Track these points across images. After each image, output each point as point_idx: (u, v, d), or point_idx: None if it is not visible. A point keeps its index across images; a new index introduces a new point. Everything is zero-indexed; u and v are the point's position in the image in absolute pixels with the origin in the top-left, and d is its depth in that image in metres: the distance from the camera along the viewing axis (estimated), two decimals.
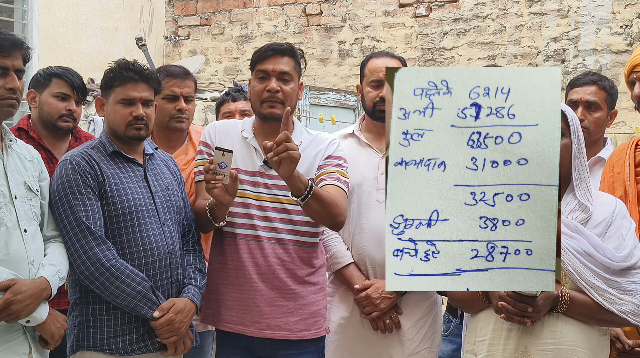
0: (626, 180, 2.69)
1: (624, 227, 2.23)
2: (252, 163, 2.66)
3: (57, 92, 3.11)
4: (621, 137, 5.91)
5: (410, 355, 2.86)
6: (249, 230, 2.61)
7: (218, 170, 2.40)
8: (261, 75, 2.64)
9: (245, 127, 2.74)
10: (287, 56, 2.66)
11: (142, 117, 2.50)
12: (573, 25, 6.60)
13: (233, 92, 3.47)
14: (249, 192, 2.62)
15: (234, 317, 2.63)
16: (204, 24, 8.22)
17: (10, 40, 2.25)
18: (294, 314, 2.61)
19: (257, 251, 2.59)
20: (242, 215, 2.61)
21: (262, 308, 2.59)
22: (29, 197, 2.31)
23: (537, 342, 2.16)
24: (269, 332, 2.59)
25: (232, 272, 2.63)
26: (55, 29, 6.88)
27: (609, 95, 3.00)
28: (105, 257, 2.37)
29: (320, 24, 7.66)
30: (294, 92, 2.68)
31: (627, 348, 2.53)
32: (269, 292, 2.59)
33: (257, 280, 2.59)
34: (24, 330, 2.24)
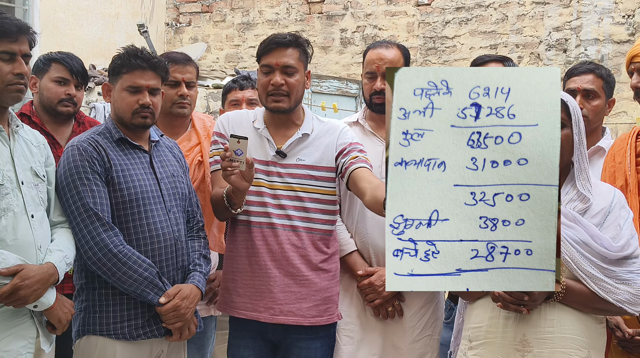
0: (627, 170, 2.69)
1: (622, 217, 2.24)
2: (265, 153, 2.68)
3: (56, 77, 3.11)
4: (622, 127, 5.92)
5: (412, 342, 2.88)
6: (263, 218, 2.64)
7: (234, 157, 2.42)
8: (266, 69, 2.66)
9: (256, 117, 2.76)
10: (291, 47, 2.66)
11: (148, 106, 2.51)
12: (575, 15, 6.59)
13: (241, 80, 3.44)
14: (263, 180, 2.65)
15: (248, 304, 2.66)
16: (206, 11, 8.20)
17: (16, 26, 2.25)
18: (307, 300, 2.64)
19: (271, 238, 2.62)
20: (256, 203, 2.64)
21: (275, 294, 2.62)
22: (35, 183, 2.31)
23: (536, 330, 2.18)
24: (282, 317, 2.63)
25: (246, 259, 2.66)
26: (56, 15, 6.86)
27: (606, 83, 3.01)
28: (112, 243, 2.38)
29: (322, 11, 7.64)
30: (299, 84, 2.68)
31: (628, 337, 2.54)
32: (283, 278, 2.62)
33: (271, 266, 2.63)
34: (31, 315, 2.26)
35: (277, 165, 2.66)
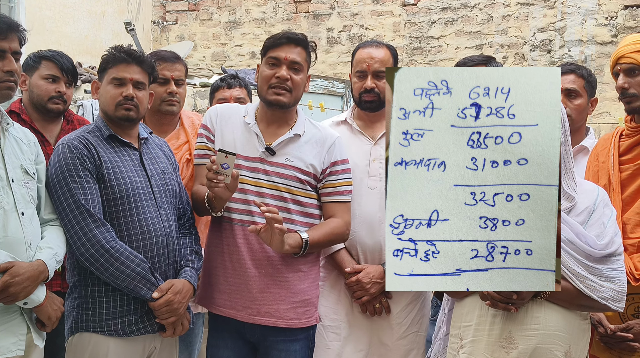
0: (610, 169, 2.72)
1: (606, 215, 2.26)
2: (253, 149, 2.67)
3: (46, 74, 3.11)
4: (605, 127, 6.00)
5: (399, 339, 2.91)
6: (246, 216, 2.63)
7: (220, 170, 2.43)
8: (272, 61, 2.66)
9: (247, 112, 2.75)
10: (301, 47, 2.68)
11: (132, 98, 2.50)
12: (559, 16, 6.66)
13: (229, 78, 3.45)
14: (247, 178, 2.63)
15: (227, 301, 2.65)
16: (192, 9, 8.19)
17: (6, 23, 2.25)
18: (285, 302, 2.62)
19: (252, 237, 2.60)
20: (239, 201, 2.63)
21: (254, 293, 2.61)
22: (25, 180, 2.31)
23: (521, 328, 2.20)
24: (259, 318, 2.61)
25: (227, 256, 2.65)
26: (42, 12, 6.82)
27: (588, 83, 3.06)
28: (105, 239, 2.39)
29: (309, 11, 7.66)
30: (302, 83, 2.70)
31: (609, 333, 2.57)
32: (262, 278, 2.61)
33: (250, 265, 2.61)
34: (21, 312, 2.26)
35: (264, 162, 2.65)
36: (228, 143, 2.67)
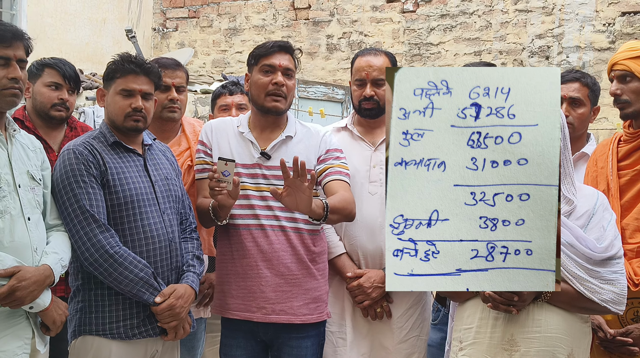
0: (609, 174, 2.73)
1: (605, 218, 2.27)
2: (250, 155, 2.74)
3: (49, 82, 3.13)
4: (603, 133, 6.02)
5: (400, 343, 2.93)
6: (253, 220, 2.70)
7: (221, 178, 2.50)
8: (267, 69, 2.74)
9: (240, 122, 2.84)
10: (289, 54, 2.78)
11: (140, 109, 2.54)
12: (557, 23, 6.70)
13: (230, 85, 3.47)
14: (248, 184, 2.70)
15: (241, 305, 2.71)
16: (192, 16, 8.22)
17: (11, 31, 2.28)
18: (297, 299, 2.69)
19: (261, 239, 2.68)
20: (244, 207, 2.70)
21: (267, 294, 2.67)
22: (32, 186, 2.34)
23: (523, 330, 2.21)
24: (274, 316, 2.68)
25: (238, 262, 2.72)
26: (43, 20, 6.86)
27: (592, 92, 3.07)
28: (109, 244, 2.42)
29: (309, 17, 7.70)
30: (294, 88, 2.81)
31: (609, 337, 2.58)
32: (274, 278, 2.68)
33: (262, 267, 2.68)
34: (27, 316, 2.28)
35: (262, 167, 2.72)
36: (225, 154, 2.73)
